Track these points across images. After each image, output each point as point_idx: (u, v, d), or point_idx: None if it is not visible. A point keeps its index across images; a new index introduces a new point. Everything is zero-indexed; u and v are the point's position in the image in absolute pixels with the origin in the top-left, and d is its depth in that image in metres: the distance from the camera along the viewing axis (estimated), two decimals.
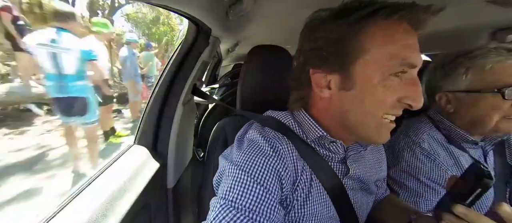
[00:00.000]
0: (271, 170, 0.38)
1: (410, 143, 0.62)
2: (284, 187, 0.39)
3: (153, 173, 0.63)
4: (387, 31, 0.34)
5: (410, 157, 0.60)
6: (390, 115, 0.37)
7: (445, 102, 0.61)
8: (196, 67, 0.72)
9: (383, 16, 0.33)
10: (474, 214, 0.32)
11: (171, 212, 0.75)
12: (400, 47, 0.34)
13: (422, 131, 0.63)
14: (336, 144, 0.43)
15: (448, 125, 0.62)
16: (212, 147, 0.64)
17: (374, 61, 0.34)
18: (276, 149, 0.40)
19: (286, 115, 0.47)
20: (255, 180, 0.36)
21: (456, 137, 0.61)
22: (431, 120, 0.66)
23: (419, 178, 0.58)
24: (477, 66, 0.54)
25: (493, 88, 0.52)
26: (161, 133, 0.73)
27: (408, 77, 0.35)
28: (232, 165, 0.39)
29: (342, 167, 0.45)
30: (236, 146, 0.44)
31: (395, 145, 0.65)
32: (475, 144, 0.61)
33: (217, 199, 0.37)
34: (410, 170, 0.60)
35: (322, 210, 0.42)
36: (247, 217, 0.33)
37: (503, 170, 0.63)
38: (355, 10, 0.35)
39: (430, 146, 0.60)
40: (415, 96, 0.35)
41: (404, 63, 0.34)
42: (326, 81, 0.39)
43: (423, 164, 0.58)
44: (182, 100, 0.72)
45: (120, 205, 0.49)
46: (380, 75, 0.34)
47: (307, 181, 0.41)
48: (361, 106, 0.37)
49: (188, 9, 0.50)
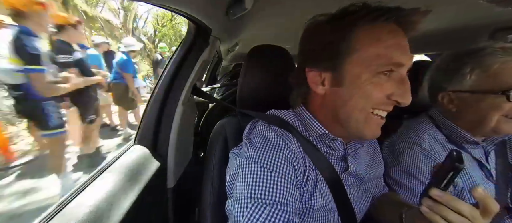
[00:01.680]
0: (287, 162, 0.40)
1: (411, 143, 0.62)
2: (298, 177, 0.41)
3: (153, 173, 0.63)
4: (374, 32, 0.37)
5: (410, 157, 0.60)
6: (380, 110, 0.40)
7: (447, 101, 0.60)
8: (196, 67, 0.72)
9: (371, 19, 0.36)
10: (448, 196, 0.34)
11: (171, 212, 0.75)
12: (386, 47, 0.37)
13: (422, 131, 0.63)
14: (337, 141, 0.46)
15: (449, 125, 0.61)
16: (212, 147, 0.64)
17: (362, 60, 0.38)
18: (286, 143, 0.42)
19: (289, 113, 0.50)
20: (276, 174, 0.38)
21: (457, 137, 0.61)
22: (432, 120, 0.66)
23: (419, 178, 0.58)
24: (482, 66, 0.53)
25: (499, 89, 0.51)
26: (161, 133, 0.73)
27: (396, 75, 0.38)
28: (248, 162, 0.40)
29: (341, 164, 0.48)
30: (246, 143, 0.46)
31: (395, 146, 0.65)
32: (476, 144, 0.60)
33: (242, 199, 0.37)
34: (410, 170, 0.59)
35: (326, 203, 0.44)
36: (282, 210, 0.35)
37: (505, 170, 0.62)
38: (347, 15, 0.39)
39: (431, 146, 0.60)
40: (403, 93, 0.38)
41: (391, 62, 0.37)
42: (321, 79, 0.43)
43: (424, 164, 0.58)
44: (182, 100, 0.72)
45: (120, 205, 0.49)
46: (368, 73, 0.37)
47: (313, 175, 0.44)
48: (350, 101, 0.40)
49: (188, 9, 0.50)
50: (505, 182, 0.62)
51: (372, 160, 0.56)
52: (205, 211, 0.62)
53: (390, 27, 0.37)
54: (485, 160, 0.62)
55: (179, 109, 0.73)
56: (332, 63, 0.40)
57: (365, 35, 0.37)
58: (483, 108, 0.54)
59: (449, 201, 0.33)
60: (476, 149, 0.62)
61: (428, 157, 0.59)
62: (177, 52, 0.72)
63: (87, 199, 0.46)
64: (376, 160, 0.57)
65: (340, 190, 0.45)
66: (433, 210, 0.35)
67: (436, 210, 0.34)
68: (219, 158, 0.61)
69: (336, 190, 0.45)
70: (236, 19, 0.65)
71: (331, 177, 0.44)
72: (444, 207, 0.34)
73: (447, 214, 0.33)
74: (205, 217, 0.62)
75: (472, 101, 0.56)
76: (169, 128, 0.72)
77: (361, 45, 0.37)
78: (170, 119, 0.72)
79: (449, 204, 0.33)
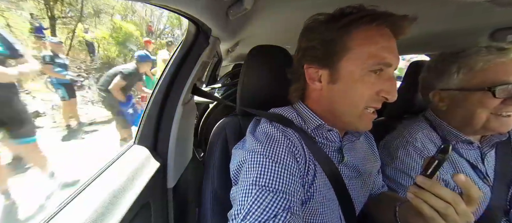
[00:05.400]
0: (290, 154, 0.43)
1: (404, 142, 0.63)
2: (300, 168, 0.44)
3: (153, 173, 0.63)
4: (368, 34, 0.41)
5: (403, 156, 0.61)
6: (371, 107, 0.44)
7: (438, 100, 0.62)
8: (196, 67, 0.72)
9: (366, 22, 0.40)
10: (431, 182, 0.37)
11: (171, 212, 0.75)
12: (378, 49, 0.40)
13: (416, 130, 0.64)
14: (333, 132, 0.49)
15: (443, 124, 0.62)
16: (212, 147, 0.64)
17: (356, 59, 0.41)
18: (288, 138, 0.45)
19: (288, 109, 0.53)
20: (280, 166, 0.41)
21: (450, 137, 0.61)
22: (427, 121, 0.66)
23: (412, 176, 0.59)
24: (468, 65, 0.56)
25: (484, 86, 0.53)
26: (161, 133, 0.73)
27: (385, 74, 0.42)
28: (254, 154, 0.43)
29: (338, 156, 0.51)
30: (251, 137, 0.48)
31: (390, 144, 0.66)
32: (470, 143, 0.61)
33: (247, 186, 0.40)
34: (404, 168, 0.60)
35: (326, 192, 0.47)
36: (284, 198, 0.38)
37: (505, 171, 0.62)
38: (344, 16, 0.42)
39: (423, 145, 0.61)
40: (390, 90, 0.42)
41: (381, 62, 0.41)
42: (318, 75, 0.46)
43: (417, 162, 0.59)
44: (182, 100, 0.72)
45: (120, 205, 0.49)
46: (361, 71, 0.41)
47: (312, 166, 0.47)
48: (345, 97, 0.44)
49: (188, 9, 0.50)
50: (506, 184, 0.61)
51: (368, 153, 0.58)
52: (205, 211, 0.62)
53: (382, 31, 0.41)
54: (480, 162, 0.61)
55: (179, 109, 0.73)
56: (329, 60, 0.43)
57: (359, 36, 0.41)
58: (471, 105, 0.55)
59: (432, 186, 0.36)
60: (471, 149, 0.62)
61: (421, 155, 0.60)
62: (177, 52, 0.72)
63: (87, 199, 0.46)
64: (372, 154, 0.59)
65: (338, 180, 0.48)
66: (417, 195, 0.37)
67: (420, 195, 0.37)
68: (219, 158, 0.61)
69: (334, 180, 0.47)
70: (236, 19, 0.65)
71: (329, 168, 0.47)
72: (428, 193, 0.36)
73: (429, 198, 0.36)
74: (205, 217, 0.62)
75: (460, 99, 0.57)
76: (169, 128, 0.72)
77: (356, 45, 0.41)
78: (170, 119, 0.72)
79: (432, 189, 0.36)
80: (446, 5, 0.61)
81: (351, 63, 0.42)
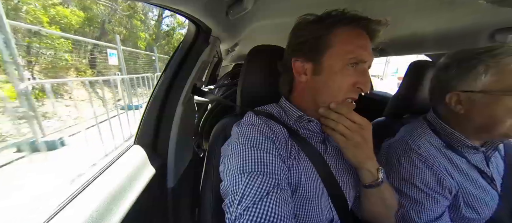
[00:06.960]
0: (266, 138, 0.48)
1: (407, 149, 0.60)
2: (280, 151, 0.48)
3: (153, 173, 0.63)
4: (347, 34, 0.47)
5: (407, 164, 0.58)
6: (349, 98, 0.50)
7: (455, 102, 0.56)
8: (196, 67, 0.72)
9: (346, 23, 0.47)
10: (340, 105, 0.48)
11: (171, 212, 0.75)
12: (355, 46, 0.47)
13: (418, 137, 0.61)
14: (313, 122, 0.54)
15: (445, 128, 0.60)
16: (212, 147, 0.64)
17: (336, 54, 0.47)
18: (269, 127, 0.50)
19: (273, 105, 0.59)
20: (261, 150, 0.45)
21: (455, 143, 0.59)
22: (429, 125, 0.63)
23: (417, 185, 0.57)
24: (499, 65, 0.49)
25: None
26: (161, 133, 0.73)
27: (360, 68, 0.48)
28: (235, 145, 0.47)
29: (322, 146, 0.55)
30: (235, 129, 0.53)
31: (392, 151, 0.63)
32: (476, 149, 0.58)
33: (235, 176, 0.43)
34: (408, 177, 0.58)
35: (313, 180, 0.51)
36: (271, 178, 0.42)
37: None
38: (329, 18, 0.48)
39: (427, 152, 0.58)
40: (365, 82, 0.48)
41: (357, 59, 0.47)
42: (303, 69, 0.52)
43: (421, 170, 0.57)
44: (182, 100, 0.72)
45: (120, 205, 0.49)
46: (340, 64, 0.47)
47: (295, 149, 0.51)
48: (326, 87, 0.49)
49: (188, 9, 0.50)
50: None
51: None
52: (205, 211, 0.62)
53: (360, 32, 0.48)
54: (485, 165, 0.60)
55: (179, 109, 0.73)
56: (314, 55, 0.49)
57: (341, 35, 0.47)
58: (497, 110, 0.50)
59: (340, 108, 0.47)
60: (476, 154, 0.59)
61: (425, 163, 0.57)
62: (177, 52, 0.72)
63: (87, 199, 0.46)
64: None
65: (326, 170, 0.52)
66: (327, 116, 0.48)
67: (330, 116, 0.48)
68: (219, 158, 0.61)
69: (321, 170, 0.51)
70: (236, 19, 0.65)
71: (314, 156, 0.51)
72: (338, 114, 0.47)
73: (338, 118, 0.47)
74: (205, 217, 0.62)
75: (484, 103, 0.52)
76: (169, 128, 0.72)
77: (337, 42, 0.47)
78: (170, 119, 0.72)
79: (340, 111, 0.47)
80: (446, 5, 0.61)
81: (333, 57, 0.48)
